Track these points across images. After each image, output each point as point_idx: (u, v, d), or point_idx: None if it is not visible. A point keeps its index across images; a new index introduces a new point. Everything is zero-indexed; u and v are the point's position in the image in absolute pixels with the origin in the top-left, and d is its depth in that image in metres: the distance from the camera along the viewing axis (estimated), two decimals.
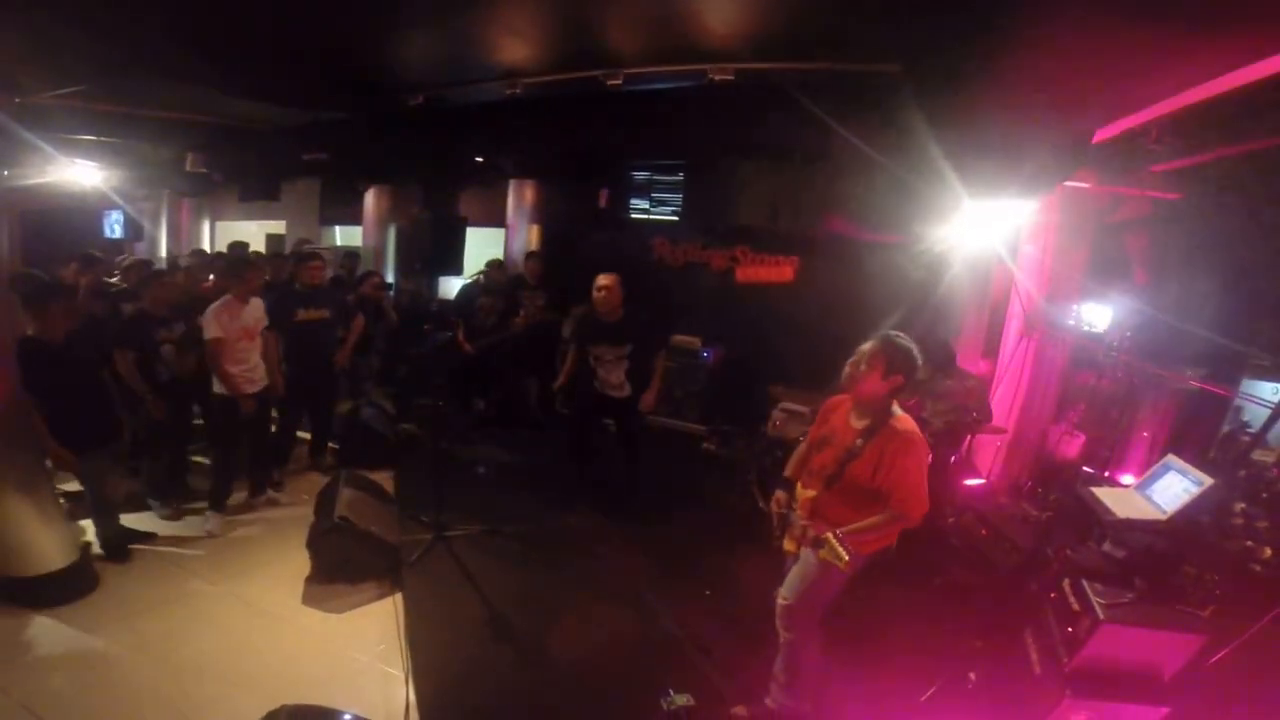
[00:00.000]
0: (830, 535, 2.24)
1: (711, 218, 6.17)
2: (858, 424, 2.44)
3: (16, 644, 2.91)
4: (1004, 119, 3.06)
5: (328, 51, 4.44)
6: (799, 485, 2.62)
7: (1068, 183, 4.53)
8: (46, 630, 3.00)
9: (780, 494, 2.66)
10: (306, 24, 3.84)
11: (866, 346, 2.42)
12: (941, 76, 3.25)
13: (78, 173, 6.99)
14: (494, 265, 6.30)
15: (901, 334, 2.44)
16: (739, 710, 2.75)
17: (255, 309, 4.15)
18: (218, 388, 3.97)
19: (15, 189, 6.45)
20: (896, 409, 2.41)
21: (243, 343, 4.02)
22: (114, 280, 5.31)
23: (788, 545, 2.63)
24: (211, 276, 5.46)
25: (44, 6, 3.48)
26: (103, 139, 6.36)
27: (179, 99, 5.32)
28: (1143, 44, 2.23)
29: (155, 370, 3.93)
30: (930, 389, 4.36)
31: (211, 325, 3.88)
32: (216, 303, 3.98)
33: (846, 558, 2.19)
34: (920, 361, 2.40)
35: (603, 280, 4.29)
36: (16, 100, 4.73)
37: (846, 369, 2.45)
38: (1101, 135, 3.80)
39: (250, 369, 4.09)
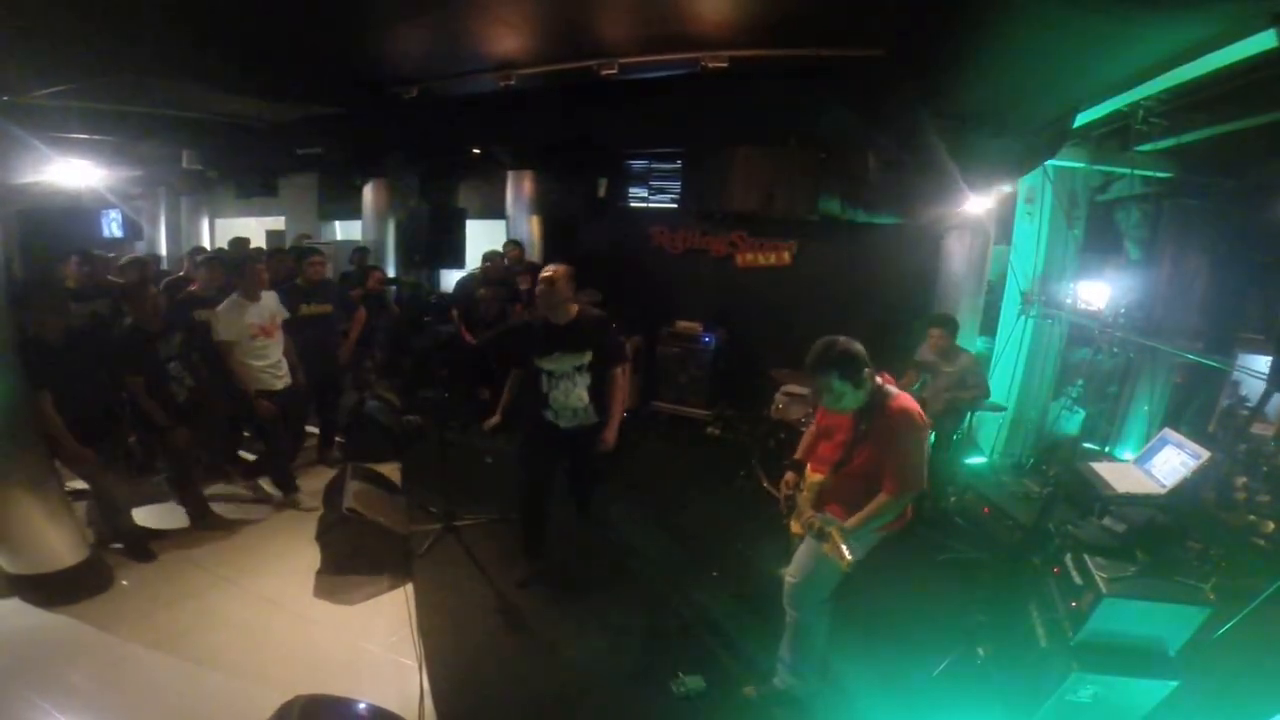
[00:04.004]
0: (835, 531, 2.24)
1: (709, 204, 6.17)
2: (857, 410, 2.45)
3: (32, 641, 2.95)
4: (990, 98, 3.06)
5: (321, 46, 4.42)
6: (808, 468, 2.64)
7: (1060, 162, 4.54)
8: (61, 627, 3.04)
9: (790, 475, 2.67)
10: (300, 19, 3.82)
11: (811, 387, 2.42)
12: (928, 58, 3.25)
13: (74, 172, 6.95)
14: (492, 256, 6.30)
15: (823, 347, 2.35)
16: (749, 690, 2.79)
17: (269, 304, 4.12)
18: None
19: (11, 189, 6.42)
20: (891, 388, 2.40)
21: (260, 339, 4.00)
22: (115, 279, 5.32)
23: (794, 527, 2.66)
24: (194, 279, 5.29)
25: (35, 5, 3.47)
26: (97, 137, 6.33)
27: (173, 96, 5.29)
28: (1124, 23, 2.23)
29: (169, 392, 3.74)
30: (934, 367, 4.39)
31: (219, 327, 3.88)
32: (224, 303, 3.98)
33: (850, 558, 2.19)
34: (857, 349, 2.33)
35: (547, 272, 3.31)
36: (4, 98, 4.70)
37: (820, 404, 2.47)
38: (1090, 115, 3.81)
39: (272, 365, 4.07)
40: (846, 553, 2.19)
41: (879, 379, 2.40)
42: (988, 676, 2.82)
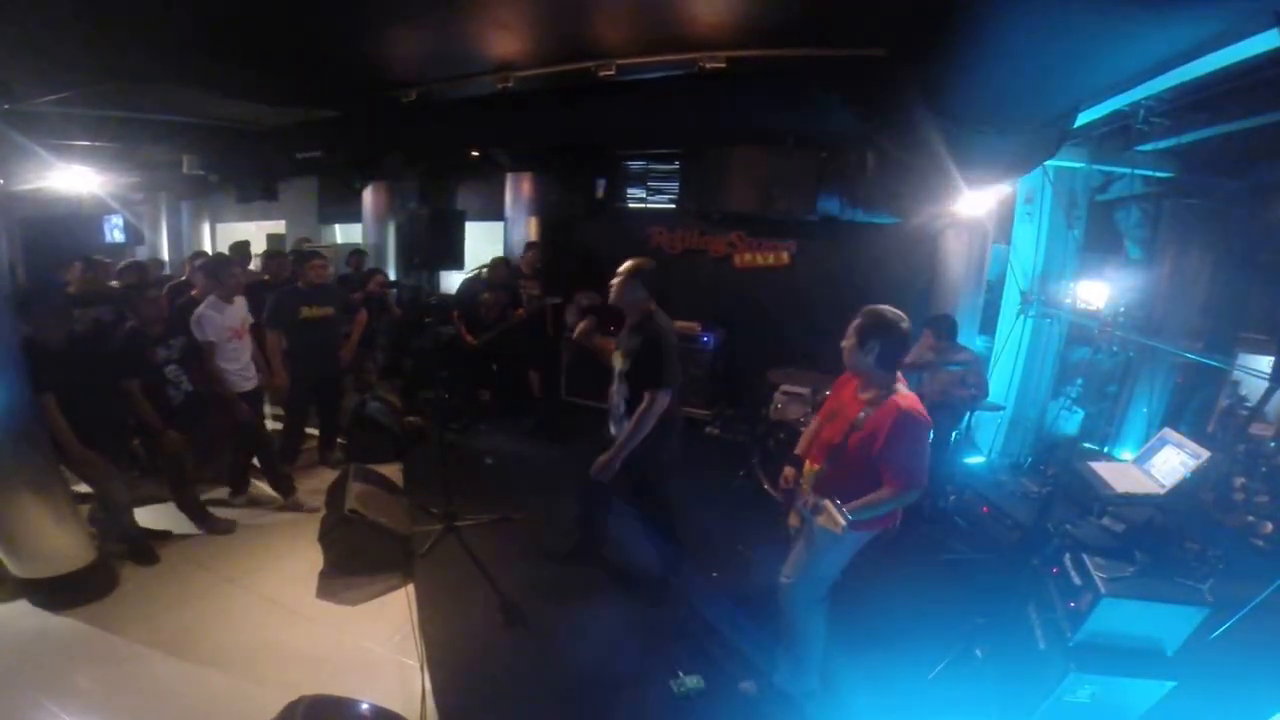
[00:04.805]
0: (828, 501, 2.26)
1: (707, 205, 6.18)
2: (864, 396, 2.46)
3: (38, 643, 2.97)
4: (990, 97, 3.06)
5: (320, 50, 4.44)
6: (807, 461, 2.65)
7: (1060, 162, 4.55)
8: (67, 629, 3.06)
9: (789, 470, 2.69)
10: (299, 23, 3.84)
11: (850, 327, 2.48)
12: (928, 57, 3.25)
13: (75, 178, 6.99)
14: (498, 263, 6.30)
15: (885, 307, 2.45)
16: (747, 685, 2.82)
17: (240, 308, 4.20)
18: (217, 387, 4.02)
19: (13, 195, 6.45)
20: (900, 386, 2.42)
21: (233, 343, 4.07)
22: (115, 285, 5.34)
23: (792, 521, 2.67)
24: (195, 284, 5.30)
25: (33, 13, 3.49)
26: (98, 143, 6.35)
27: (173, 102, 5.31)
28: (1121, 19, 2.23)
29: (165, 395, 3.79)
30: (930, 363, 4.40)
31: (201, 329, 3.93)
32: (202, 305, 4.02)
33: (843, 522, 2.20)
34: (905, 331, 2.40)
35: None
36: (5, 106, 4.73)
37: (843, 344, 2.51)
38: (1091, 115, 3.81)
39: (243, 368, 4.14)
40: (839, 518, 2.20)
41: (896, 373, 2.44)
42: (985, 677, 2.83)
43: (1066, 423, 5.37)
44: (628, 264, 3.11)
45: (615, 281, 3.10)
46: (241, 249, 6.96)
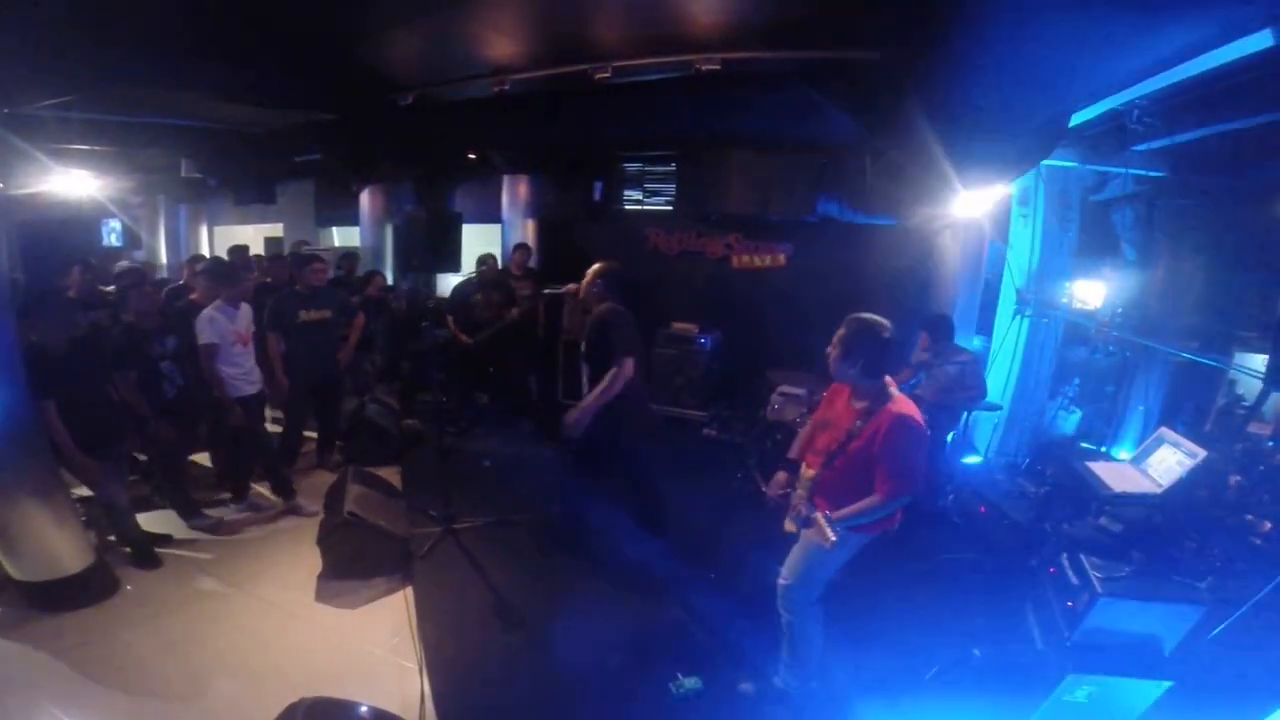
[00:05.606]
0: (819, 515, 2.27)
1: (704, 206, 6.18)
2: (857, 405, 2.46)
3: (40, 647, 2.97)
4: (985, 99, 3.07)
5: (317, 53, 4.45)
6: (803, 465, 2.65)
7: (1054, 162, 4.56)
8: (68, 632, 3.06)
9: (781, 475, 2.69)
10: (296, 26, 3.85)
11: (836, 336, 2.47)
12: (922, 60, 3.26)
13: (73, 182, 6.99)
14: (485, 259, 6.30)
15: (870, 315, 2.43)
16: (746, 686, 2.82)
17: (246, 312, 4.22)
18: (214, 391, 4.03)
19: (11, 199, 6.46)
20: (894, 390, 2.42)
21: (238, 346, 4.08)
22: (110, 289, 5.34)
23: (788, 526, 2.67)
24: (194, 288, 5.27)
25: (32, 16, 3.50)
26: (96, 147, 6.36)
27: (171, 105, 5.32)
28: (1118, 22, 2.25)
29: (159, 388, 3.83)
30: (927, 365, 4.41)
31: (205, 331, 3.93)
32: (209, 308, 4.03)
33: (833, 537, 2.22)
34: (890, 340, 2.38)
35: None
36: (4, 111, 4.73)
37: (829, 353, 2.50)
38: (1084, 115, 3.83)
39: (247, 372, 4.15)
40: (829, 533, 2.22)
41: (886, 379, 2.43)
42: (983, 678, 2.83)
43: (1064, 422, 5.38)
44: (595, 266, 3.66)
45: (584, 280, 3.66)
46: (239, 253, 6.96)
